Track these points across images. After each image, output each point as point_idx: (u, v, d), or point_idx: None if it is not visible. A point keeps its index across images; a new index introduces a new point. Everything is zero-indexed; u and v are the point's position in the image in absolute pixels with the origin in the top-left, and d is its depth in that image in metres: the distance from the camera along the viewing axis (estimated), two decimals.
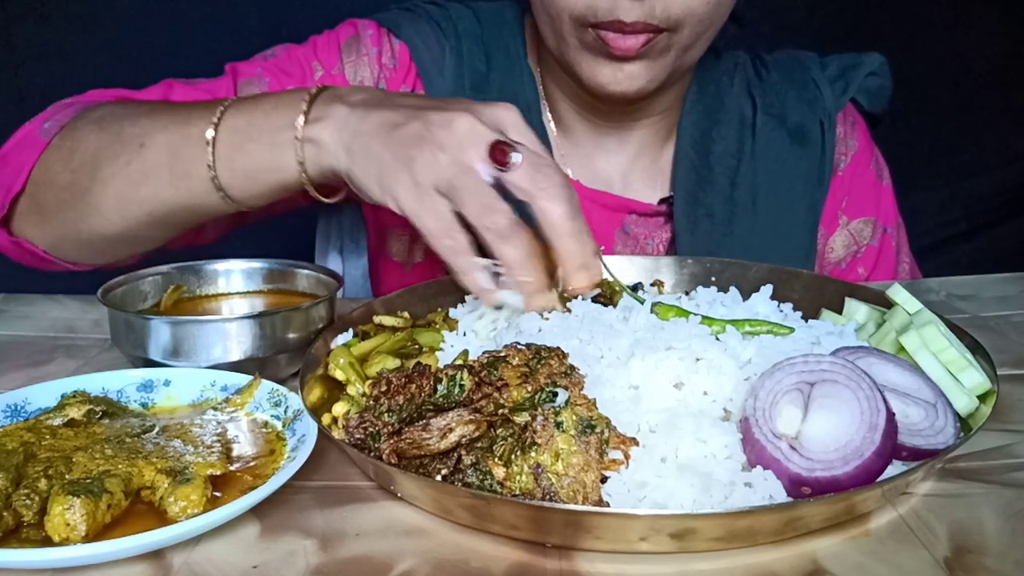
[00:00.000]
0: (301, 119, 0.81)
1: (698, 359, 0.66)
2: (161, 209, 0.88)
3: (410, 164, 0.74)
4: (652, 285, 0.95)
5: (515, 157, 0.73)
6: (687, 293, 0.92)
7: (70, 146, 0.90)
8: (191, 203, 0.87)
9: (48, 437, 0.64)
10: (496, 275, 0.75)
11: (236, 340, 0.79)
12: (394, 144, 0.76)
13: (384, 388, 0.64)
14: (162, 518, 0.58)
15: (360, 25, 1.14)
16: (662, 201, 1.15)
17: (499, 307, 0.78)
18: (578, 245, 0.74)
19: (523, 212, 0.75)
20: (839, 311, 0.86)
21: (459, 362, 0.72)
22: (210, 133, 0.83)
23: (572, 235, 0.74)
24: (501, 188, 0.74)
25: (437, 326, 0.83)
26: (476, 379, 0.64)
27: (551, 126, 1.16)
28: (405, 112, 0.78)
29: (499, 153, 0.73)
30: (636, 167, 1.17)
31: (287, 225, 1.23)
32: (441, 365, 0.74)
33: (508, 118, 0.78)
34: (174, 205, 0.87)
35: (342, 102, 0.81)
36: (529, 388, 0.62)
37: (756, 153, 1.14)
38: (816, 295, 0.89)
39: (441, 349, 0.78)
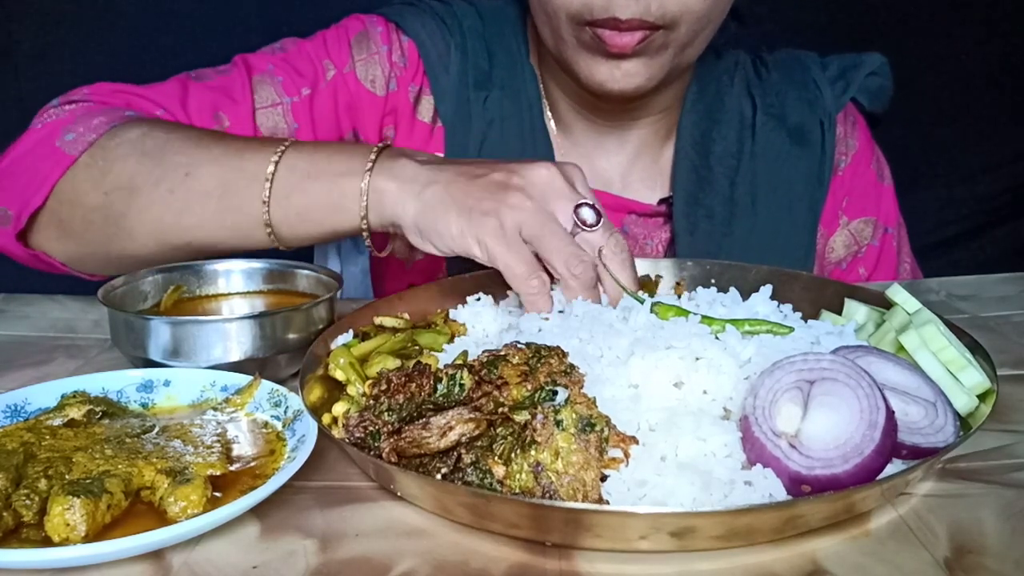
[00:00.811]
0: (368, 165, 0.82)
1: (698, 358, 0.66)
2: (202, 239, 0.88)
3: (498, 210, 0.77)
4: (677, 283, 0.95)
5: (599, 221, 0.80)
6: (684, 288, 0.93)
7: (102, 167, 0.89)
8: (234, 236, 0.87)
9: (48, 437, 0.64)
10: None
11: (236, 340, 0.79)
12: (477, 190, 0.79)
13: (384, 387, 0.64)
14: (162, 518, 0.58)
15: (368, 21, 1.14)
16: (661, 201, 1.15)
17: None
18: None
19: None
20: (839, 312, 0.86)
21: (459, 361, 0.72)
22: (270, 169, 0.84)
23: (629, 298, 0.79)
24: None
25: (437, 327, 0.83)
26: (476, 378, 0.64)
27: (551, 125, 1.16)
28: (482, 165, 0.82)
29: (584, 213, 0.79)
30: (636, 167, 1.17)
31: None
32: (441, 365, 0.74)
33: (578, 175, 0.83)
34: (216, 237, 0.88)
35: (408, 158, 0.84)
36: (529, 387, 0.62)
37: (756, 153, 1.14)
38: (816, 296, 0.89)
39: (443, 350, 0.78)
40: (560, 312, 0.78)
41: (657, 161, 1.17)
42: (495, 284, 0.85)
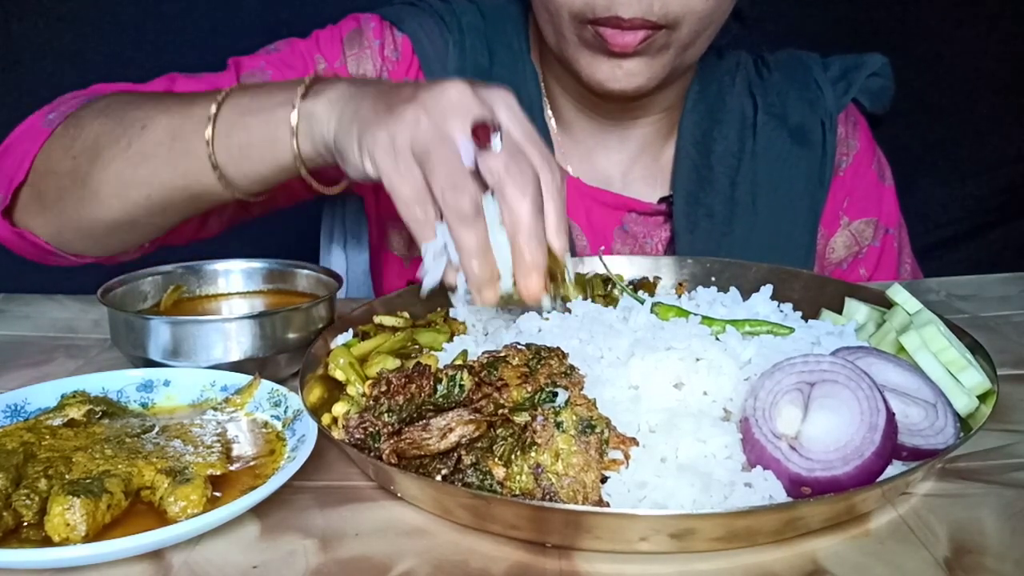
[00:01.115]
0: (301, 90, 0.80)
1: (698, 359, 0.66)
2: (159, 192, 0.87)
3: (390, 123, 0.71)
4: (679, 284, 0.95)
5: (495, 139, 0.71)
6: (685, 289, 0.92)
7: (72, 133, 0.90)
8: (188, 184, 0.86)
9: (48, 437, 0.64)
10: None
11: (236, 340, 0.79)
12: (381, 106, 0.73)
13: (384, 388, 0.64)
14: (162, 518, 0.58)
15: (363, 19, 1.14)
16: (662, 200, 1.15)
17: (452, 290, 0.75)
18: (529, 247, 0.70)
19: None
20: (839, 311, 0.86)
21: (459, 362, 0.72)
22: (212, 109, 0.84)
23: (527, 236, 0.70)
24: (477, 172, 0.71)
25: (437, 326, 0.83)
26: (476, 379, 0.64)
27: (552, 123, 1.16)
28: (407, 85, 0.76)
29: (482, 132, 0.71)
30: (637, 166, 1.17)
31: (288, 224, 1.23)
32: (441, 365, 0.74)
33: (502, 99, 0.74)
34: (172, 187, 0.87)
35: (342, 80, 0.81)
36: (529, 388, 0.62)
37: (757, 153, 1.14)
38: (816, 295, 0.89)
39: (443, 349, 0.78)
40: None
41: (658, 160, 1.17)
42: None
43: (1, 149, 0.96)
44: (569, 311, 0.78)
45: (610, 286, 0.89)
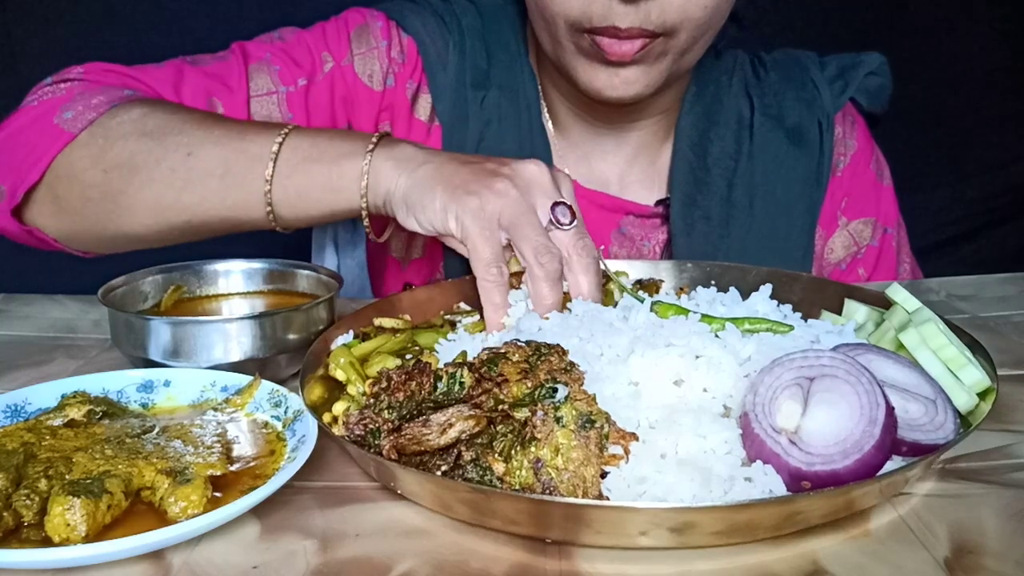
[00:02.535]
0: (370, 147, 0.85)
1: (698, 356, 0.66)
2: (201, 218, 0.89)
3: (482, 192, 0.79)
4: (681, 289, 0.95)
5: (572, 221, 0.81)
6: (686, 292, 0.92)
7: (103, 144, 0.89)
8: (233, 216, 0.89)
9: (48, 437, 0.64)
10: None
11: (236, 341, 0.79)
12: (467, 172, 0.81)
13: (384, 385, 0.64)
14: (162, 518, 0.58)
15: (369, 15, 1.14)
16: (659, 202, 1.15)
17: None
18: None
19: None
20: (839, 313, 0.86)
21: (459, 359, 0.72)
22: (274, 149, 0.86)
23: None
24: None
25: (437, 327, 0.83)
26: (476, 375, 0.64)
27: (549, 126, 1.16)
28: (476, 156, 0.85)
29: (559, 212, 0.81)
30: (634, 168, 1.16)
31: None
32: (441, 363, 0.74)
33: (567, 184, 0.85)
34: (215, 216, 0.89)
35: (409, 143, 0.87)
36: (529, 384, 0.62)
37: (754, 154, 1.14)
38: (815, 297, 0.89)
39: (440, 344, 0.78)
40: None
41: (655, 162, 1.17)
42: None
43: (1, 136, 0.94)
44: None
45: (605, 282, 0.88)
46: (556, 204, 0.81)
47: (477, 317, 0.84)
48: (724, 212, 1.12)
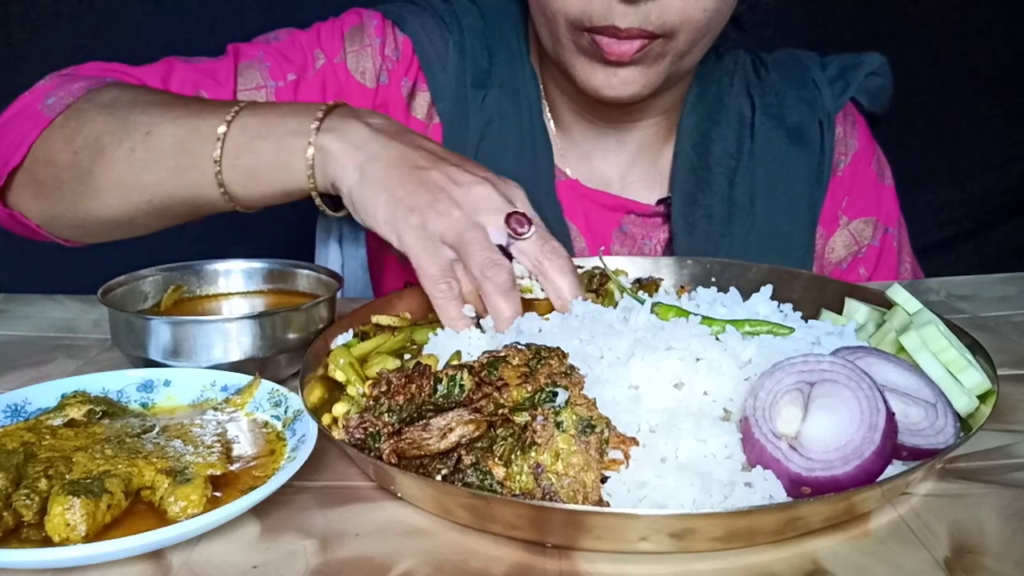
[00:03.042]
0: (315, 125, 0.83)
1: (698, 359, 0.66)
2: (161, 198, 0.89)
3: (424, 210, 0.78)
4: (682, 287, 0.95)
5: (530, 228, 0.80)
6: (686, 291, 0.92)
7: (74, 126, 0.90)
8: (191, 196, 0.88)
9: (48, 437, 0.64)
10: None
11: (236, 340, 0.79)
12: (412, 183, 0.80)
13: (384, 388, 0.64)
14: (162, 518, 0.58)
15: (365, 15, 1.14)
16: (660, 201, 1.15)
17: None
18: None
19: None
20: (839, 311, 0.86)
21: (456, 362, 0.72)
22: (222, 128, 0.85)
23: (569, 305, 0.80)
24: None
25: (436, 325, 0.83)
26: (476, 379, 0.64)
27: (551, 125, 1.16)
28: (427, 157, 0.82)
29: (515, 222, 0.80)
30: (635, 168, 1.17)
31: (287, 224, 1.23)
32: (441, 365, 0.74)
33: (519, 195, 0.83)
34: (174, 196, 0.89)
35: (359, 120, 0.84)
36: (529, 388, 0.62)
37: (755, 153, 1.14)
38: (816, 295, 0.89)
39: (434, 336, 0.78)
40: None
41: (656, 162, 1.17)
42: None
43: None
44: None
45: (598, 281, 0.88)
46: (511, 215, 0.80)
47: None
48: (725, 211, 1.12)
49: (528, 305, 0.81)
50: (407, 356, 0.77)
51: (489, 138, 1.12)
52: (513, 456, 0.58)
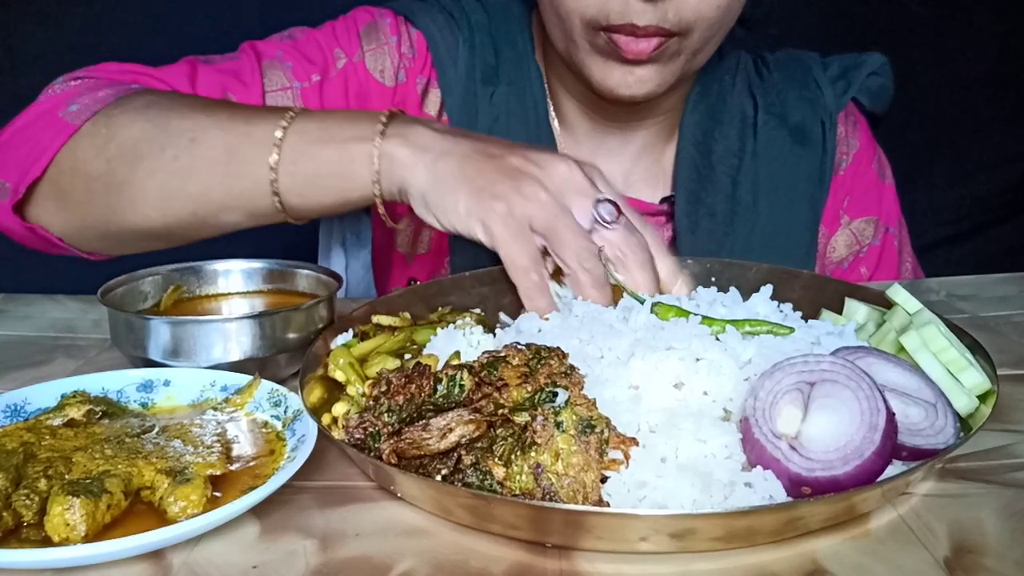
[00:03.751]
0: (380, 129, 0.80)
1: (698, 359, 0.66)
2: (206, 208, 0.86)
3: (509, 196, 0.76)
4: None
5: (619, 218, 0.78)
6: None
7: (106, 133, 0.86)
8: (240, 205, 0.85)
9: (48, 437, 0.64)
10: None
11: (236, 340, 0.79)
12: (492, 171, 0.77)
13: (384, 388, 0.64)
14: (162, 518, 0.58)
15: (377, 12, 1.13)
16: (663, 200, 1.15)
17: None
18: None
19: None
20: (839, 311, 0.86)
21: (455, 362, 0.72)
22: (279, 134, 0.82)
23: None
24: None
25: (436, 325, 0.83)
26: (476, 379, 0.64)
27: (555, 124, 1.16)
28: (500, 146, 0.80)
29: (604, 211, 0.77)
30: (638, 167, 1.17)
31: (290, 227, 1.23)
32: (441, 365, 0.74)
33: (598, 174, 0.81)
34: (221, 205, 0.85)
35: (423, 125, 0.82)
36: (529, 388, 0.62)
37: (757, 152, 1.14)
38: (816, 295, 0.89)
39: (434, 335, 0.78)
40: (570, 313, 0.77)
41: (659, 161, 1.17)
42: (497, 282, 0.85)
43: (6, 133, 0.92)
44: None
45: None
46: (599, 201, 0.78)
47: (468, 318, 0.84)
48: (728, 209, 1.12)
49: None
50: (407, 356, 0.77)
51: (496, 135, 1.11)
52: (513, 456, 0.58)
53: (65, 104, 0.90)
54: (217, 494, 0.60)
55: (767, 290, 0.83)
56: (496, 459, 0.58)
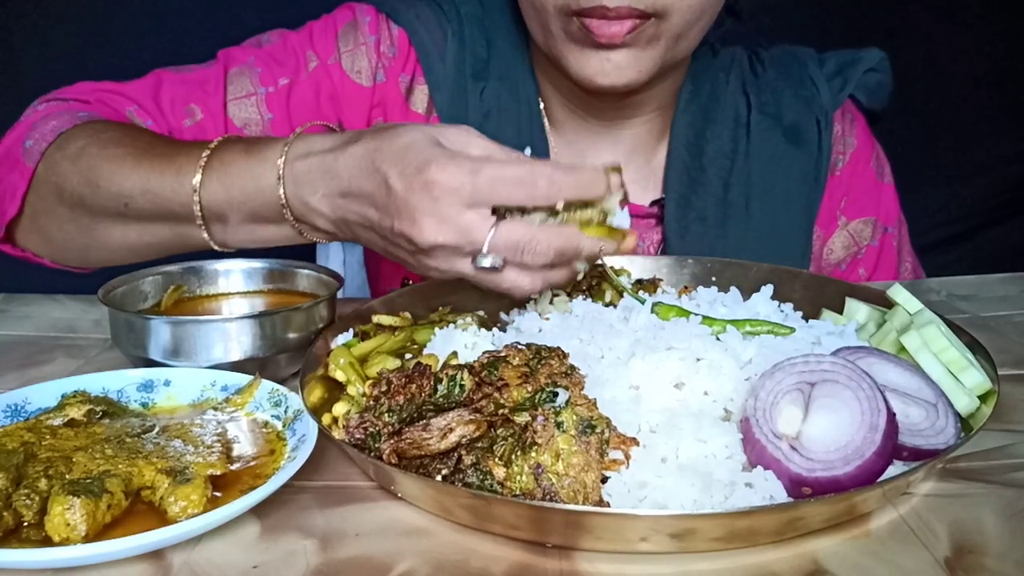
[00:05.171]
0: (278, 174, 0.78)
1: (698, 359, 0.66)
2: (166, 244, 0.90)
3: (425, 268, 0.74)
4: (685, 287, 0.94)
5: (501, 263, 0.72)
6: (688, 291, 0.92)
7: (55, 184, 0.90)
8: (196, 245, 0.88)
9: (48, 437, 0.64)
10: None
11: (236, 340, 0.79)
12: (392, 249, 0.75)
13: (384, 388, 0.64)
14: (162, 518, 0.58)
15: (358, 10, 1.13)
16: (654, 203, 1.14)
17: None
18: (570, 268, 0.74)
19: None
20: (840, 311, 0.86)
21: (454, 362, 0.72)
22: (196, 210, 0.82)
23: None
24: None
25: (436, 324, 0.83)
26: (476, 379, 0.64)
27: (545, 122, 1.15)
28: (366, 215, 0.74)
29: (484, 261, 0.71)
30: (629, 167, 1.15)
31: None
32: (440, 365, 0.74)
33: (469, 139, 0.77)
34: (174, 243, 0.89)
35: (309, 164, 0.77)
36: (529, 388, 0.62)
37: (751, 153, 1.13)
38: (816, 295, 0.89)
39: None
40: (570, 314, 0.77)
41: (650, 162, 1.16)
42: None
43: None
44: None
45: (597, 282, 0.88)
46: (474, 257, 0.72)
47: (469, 318, 0.84)
48: (720, 213, 1.11)
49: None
50: (407, 356, 0.77)
51: (487, 132, 1.09)
52: (513, 456, 0.58)
53: (24, 137, 0.94)
54: (217, 494, 0.60)
55: (768, 290, 0.83)
56: (496, 459, 0.58)
